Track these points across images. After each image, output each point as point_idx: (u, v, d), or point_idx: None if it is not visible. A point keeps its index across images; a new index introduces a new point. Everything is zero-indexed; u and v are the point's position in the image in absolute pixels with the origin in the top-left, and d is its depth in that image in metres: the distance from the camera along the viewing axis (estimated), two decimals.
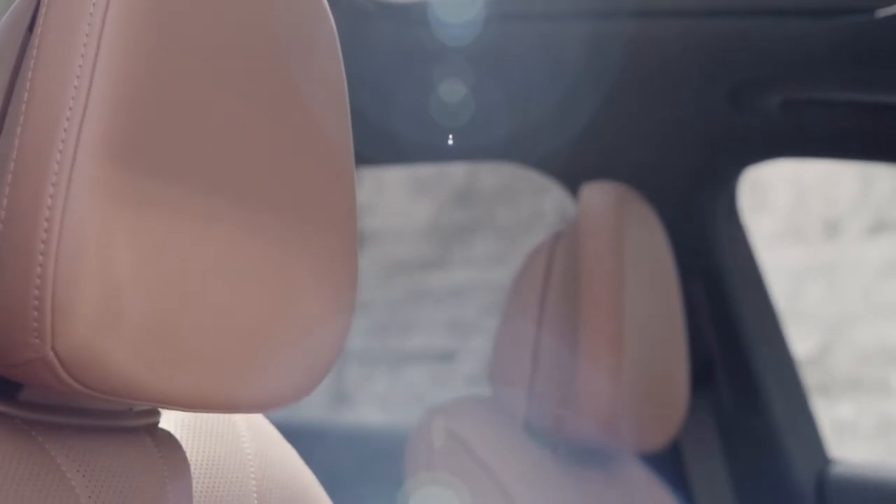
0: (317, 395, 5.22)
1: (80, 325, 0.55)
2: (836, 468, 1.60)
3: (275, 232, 0.63)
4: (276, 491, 0.71)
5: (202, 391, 0.61)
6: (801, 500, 1.57)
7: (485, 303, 4.95)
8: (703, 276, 1.61)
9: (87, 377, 0.57)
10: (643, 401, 1.24)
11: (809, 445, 1.62)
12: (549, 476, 1.21)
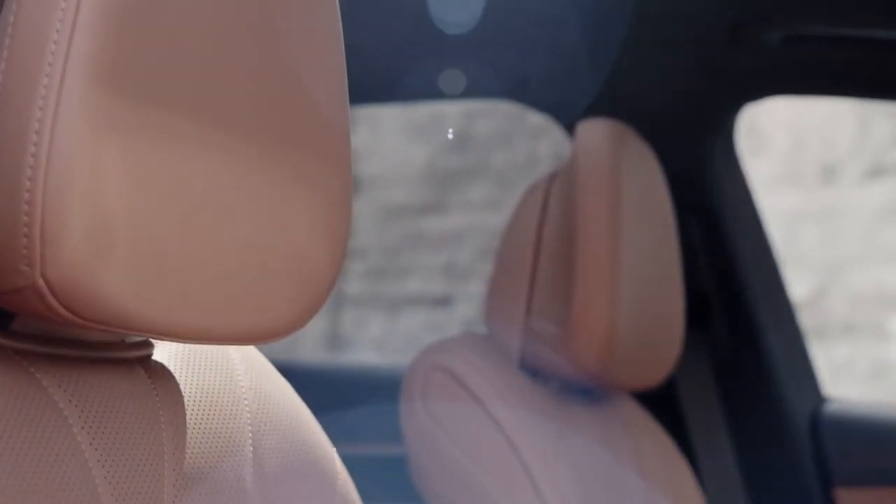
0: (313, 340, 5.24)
1: (69, 251, 0.55)
2: (830, 406, 1.61)
3: (268, 161, 0.63)
4: (270, 424, 0.71)
5: (194, 321, 0.60)
6: (796, 437, 1.57)
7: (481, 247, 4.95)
8: (699, 215, 1.61)
9: (77, 305, 0.56)
10: (638, 338, 1.24)
11: (804, 384, 1.62)
12: (544, 413, 1.21)
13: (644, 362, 1.27)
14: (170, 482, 0.63)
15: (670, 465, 1.37)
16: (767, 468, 1.60)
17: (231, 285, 0.62)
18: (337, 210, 0.67)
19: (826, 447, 1.56)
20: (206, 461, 0.66)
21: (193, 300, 0.60)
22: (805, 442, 1.57)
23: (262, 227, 0.63)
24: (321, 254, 0.66)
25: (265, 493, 0.69)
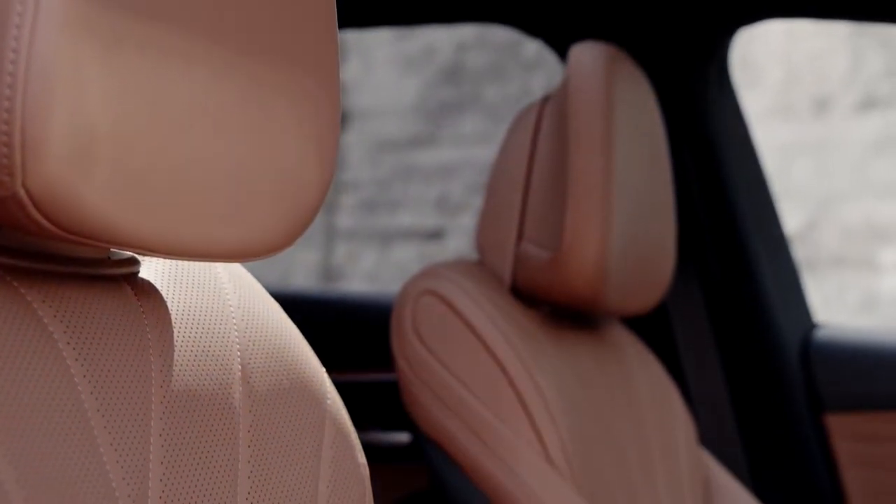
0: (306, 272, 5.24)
1: (50, 161, 0.54)
2: (821, 332, 1.61)
3: (255, 75, 0.62)
4: (259, 343, 0.71)
5: (178, 236, 0.60)
6: (786, 363, 1.58)
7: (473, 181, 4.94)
8: (693, 143, 1.60)
9: (59, 216, 0.55)
10: (630, 264, 1.24)
11: (795, 310, 1.62)
12: (536, 338, 1.21)
13: (635, 288, 1.27)
14: (157, 398, 0.63)
15: (661, 391, 1.37)
16: (758, 394, 1.61)
17: (218, 201, 0.61)
18: (325, 125, 0.66)
19: (816, 373, 1.57)
20: (193, 379, 0.65)
21: (179, 216, 0.59)
22: (795, 367, 1.57)
23: (250, 142, 0.62)
24: (309, 169, 0.65)
25: (254, 411, 0.69)
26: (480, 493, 1.16)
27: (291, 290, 1.70)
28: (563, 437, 1.16)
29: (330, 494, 0.72)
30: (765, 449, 1.61)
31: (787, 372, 1.58)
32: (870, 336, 1.58)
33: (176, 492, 0.62)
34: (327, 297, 1.78)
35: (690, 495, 1.34)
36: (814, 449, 1.56)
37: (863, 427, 1.53)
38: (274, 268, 5.24)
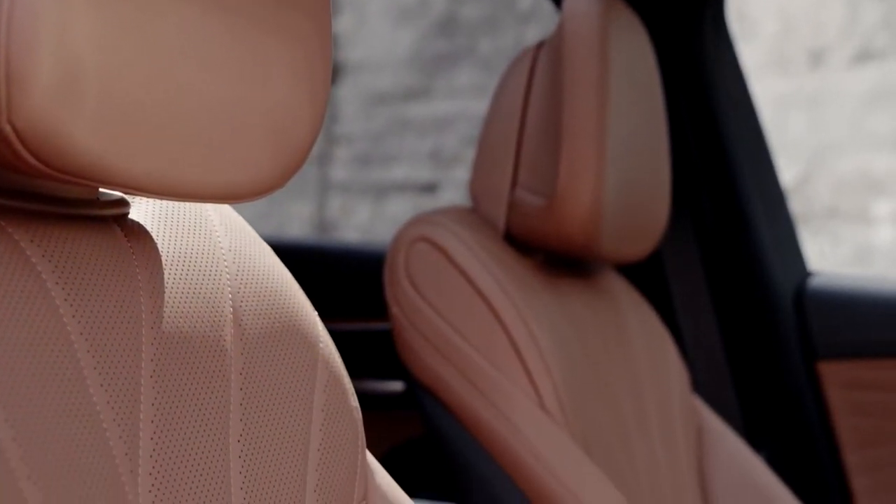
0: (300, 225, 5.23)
1: (36, 96, 0.53)
2: (815, 280, 1.61)
3: (245, 12, 0.61)
4: (250, 286, 0.70)
5: (169, 176, 0.59)
6: (780, 311, 1.58)
7: (467, 134, 4.92)
8: (689, 91, 1.59)
9: (46, 153, 0.55)
10: (624, 211, 1.23)
11: (789, 258, 1.62)
12: (530, 285, 1.21)
13: (630, 235, 1.26)
14: (148, 340, 0.62)
15: (655, 338, 1.37)
16: (751, 341, 1.61)
17: (208, 140, 0.60)
18: (317, 65, 0.65)
19: (810, 320, 1.57)
20: (184, 320, 0.65)
21: (168, 155, 0.59)
22: (789, 315, 1.58)
23: (240, 80, 0.61)
24: (301, 109, 0.64)
25: (246, 353, 0.68)
26: (474, 439, 1.16)
27: (285, 239, 1.70)
28: (557, 384, 1.16)
29: (322, 438, 0.72)
30: (758, 396, 1.61)
31: (780, 319, 1.58)
32: (864, 284, 1.58)
33: (167, 433, 0.62)
34: (321, 246, 1.77)
35: (684, 442, 1.35)
36: (807, 396, 1.56)
37: (856, 374, 1.54)
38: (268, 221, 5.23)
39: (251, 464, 0.66)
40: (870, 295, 1.55)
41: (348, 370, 0.78)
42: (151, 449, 0.61)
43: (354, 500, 0.73)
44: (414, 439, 1.61)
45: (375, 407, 1.64)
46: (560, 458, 1.13)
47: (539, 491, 1.13)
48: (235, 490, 0.65)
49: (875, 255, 4.36)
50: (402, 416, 1.60)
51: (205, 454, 0.64)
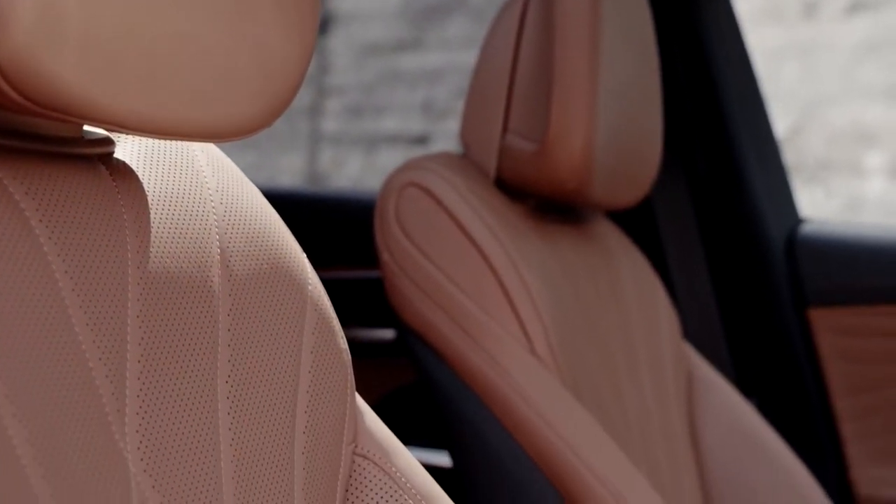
0: (291, 177, 5.22)
1: (18, 32, 0.52)
2: (807, 227, 1.61)
3: None
4: (238, 227, 0.70)
5: (154, 114, 0.58)
6: (771, 257, 1.58)
7: (459, 85, 4.90)
8: (682, 38, 1.58)
9: (28, 88, 0.54)
10: (616, 157, 1.23)
11: (781, 204, 1.62)
12: (521, 231, 1.21)
13: (621, 181, 1.26)
14: (134, 279, 0.62)
15: (646, 285, 1.37)
16: (742, 288, 1.61)
17: (193, 77, 0.59)
18: (305, 2, 0.64)
19: (801, 267, 1.57)
20: (171, 261, 0.64)
21: (153, 92, 0.58)
22: (780, 262, 1.57)
23: (227, 18, 0.60)
24: (288, 48, 0.64)
25: (234, 295, 0.68)
26: (464, 385, 1.16)
27: (276, 188, 1.69)
28: (548, 330, 1.16)
29: (311, 380, 0.71)
30: (748, 343, 1.61)
31: (771, 266, 1.58)
32: (855, 231, 1.58)
33: (154, 373, 0.62)
34: (312, 194, 1.77)
35: (674, 389, 1.35)
36: (797, 343, 1.57)
37: (846, 321, 1.54)
38: (259, 173, 5.21)
39: (239, 405, 0.66)
40: (861, 242, 1.55)
41: (339, 318, 0.77)
42: (138, 389, 0.60)
43: (344, 442, 0.73)
44: (405, 386, 1.62)
45: (367, 355, 1.64)
46: (550, 403, 1.13)
47: (529, 435, 1.13)
48: (224, 431, 0.65)
49: (866, 206, 4.37)
50: (393, 363, 1.60)
51: (193, 395, 0.63)
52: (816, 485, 1.36)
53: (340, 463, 0.72)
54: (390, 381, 1.64)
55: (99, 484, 0.57)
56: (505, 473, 1.14)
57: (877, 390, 1.52)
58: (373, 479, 0.73)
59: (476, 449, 1.16)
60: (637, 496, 1.10)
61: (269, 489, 0.66)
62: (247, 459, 0.65)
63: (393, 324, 1.43)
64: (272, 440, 0.67)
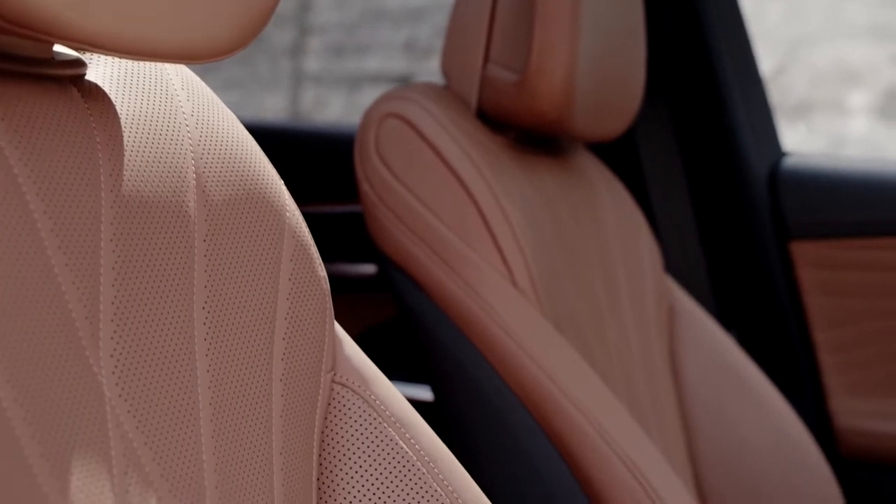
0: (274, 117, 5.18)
1: None
2: (789, 160, 1.60)
3: None
4: (214, 151, 0.69)
5: (126, 33, 0.57)
6: (754, 190, 1.58)
7: (442, 24, 4.86)
8: None
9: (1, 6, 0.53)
10: (598, 87, 1.22)
11: (764, 138, 1.61)
12: (502, 162, 1.20)
13: (603, 113, 1.25)
14: (107, 203, 0.61)
15: (627, 218, 1.36)
16: (724, 221, 1.61)
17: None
18: None
19: (783, 200, 1.57)
20: (145, 184, 0.63)
21: (125, 11, 0.57)
22: (763, 195, 1.57)
23: None
24: None
25: (210, 220, 0.67)
26: (446, 317, 1.16)
27: (257, 121, 1.67)
28: (529, 262, 1.15)
29: (290, 308, 0.71)
30: (730, 276, 1.61)
31: (754, 200, 1.57)
32: (837, 165, 1.58)
33: (129, 297, 0.61)
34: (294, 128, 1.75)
35: (655, 321, 1.35)
36: (778, 276, 1.57)
37: (827, 254, 1.54)
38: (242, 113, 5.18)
39: (216, 331, 0.65)
40: (843, 175, 1.54)
41: (322, 253, 0.77)
42: (113, 313, 0.60)
43: (322, 370, 0.72)
44: (388, 321, 1.62)
45: (349, 290, 1.63)
46: (530, 334, 1.13)
47: (510, 366, 1.13)
48: (200, 357, 0.64)
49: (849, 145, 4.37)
50: (375, 299, 1.60)
51: (169, 320, 0.63)
52: (795, 416, 1.37)
53: (319, 390, 0.72)
54: (373, 316, 1.64)
55: (73, 408, 0.56)
56: (485, 404, 1.14)
57: (856, 323, 1.53)
58: (352, 406, 0.73)
59: (456, 380, 1.16)
60: (616, 425, 1.10)
61: (247, 415, 0.66)
62: (224, 386, 0.65)
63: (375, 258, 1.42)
64: (250, 367, 0.67)
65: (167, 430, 0.61)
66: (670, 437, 1.30)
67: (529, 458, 1.13)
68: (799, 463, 1.34)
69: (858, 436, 1.52)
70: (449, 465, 0.74)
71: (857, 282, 1.52)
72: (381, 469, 0.72)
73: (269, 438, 0.67)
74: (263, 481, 0.66)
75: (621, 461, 1.09)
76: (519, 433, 1.13)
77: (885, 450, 1.51)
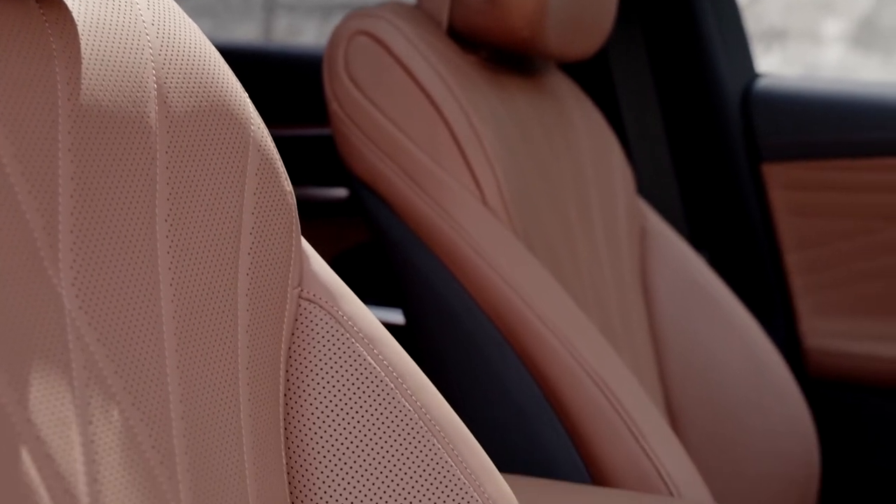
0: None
1: None
2: (763, 81, 1.59)
3: None
4: (176, 62, 0.67)
5: None
6: (727, 112, 1.57)
7: None
8: None
9: None
10: (570, 6, 1.20)
11: (737, 58, 1.60)
12: (473, 81, 1.18)
13: (576, 31, 1.23)
14: (64, 111, 0.60)
15: (600, 139, 1.36)
16: (697, 143, 1.60)
17: None
18: None
19: (756, 122, 1.56)
20: (104, 93, 0.62)
21: None
22: (735, 117, 1.57)
23: None
24: None
25: (172, 132, 0.66)
26: (416, 236, 1.15)
27: (224, 41, 1.65)
28: (500, 180, 1.15)
29: (255, 222, 0.70)
30: (702, 198, 1.61)
31: (726, 121, 1.57)
32: (810, 86, 1.57)
33: (89, 209, 0.60)
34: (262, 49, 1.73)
35: (627, 242, 1.35)
36: (750, 198, 1.57)
37: (799, 175, 1.54)
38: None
39: (179, 245, 0.64)
40: (816, 97, 1.54)
41: (291, 177, 0.75)
42: (72, 224, 0.59)
43: (289, 286, 0.72)
44: (359, 245, 1.61)
45: (320, 214, 1.62)
46: (501, 254, 1.12)
47: (480, 287, 1.12)
48: (163, 271, 0.63)
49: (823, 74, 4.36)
50: (348, 223, 1.59)
51: (130, 232, 0.62)
52: (765, 337, 1.38)
53: (286, 306, 0.71)
54: (345, 241, 1.63)
55: (31, 318, 0.55)
56: (456, 326, 1.14)
57: (826, 244, 1.53)
58: (319, 322, 0.73)
59: (427, 302, 1.16)
60: (587, 344, 1.10)
61: (212, 329, 0.65)
62: (188, 299, 0.64)
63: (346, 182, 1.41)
64: (214, 281, 0.66)
65: (130, 343, 0.60)
66: (640, 356, 1.30)
67: (500, 379, 1.13)
68: (768, 383, 1.34)
69: (827, 356, 1.53)
70: (417, 381, 0.74)
71: (828, 203, 1.52)
72: (349, 385, 0.72)
73: (234, 353, 0.66)
74: (229, 394, 0.65)
75: (591, 380, 1.09)
76: (490, 354, 1.13)
77: (853, 369, 1.52)
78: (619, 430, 1.08)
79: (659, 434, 1.09)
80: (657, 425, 1.10)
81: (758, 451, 1.33)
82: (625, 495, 1.03)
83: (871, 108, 1.50)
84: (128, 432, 0.58)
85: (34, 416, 0.54)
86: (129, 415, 0.59)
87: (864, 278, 1.51)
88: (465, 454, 0.73)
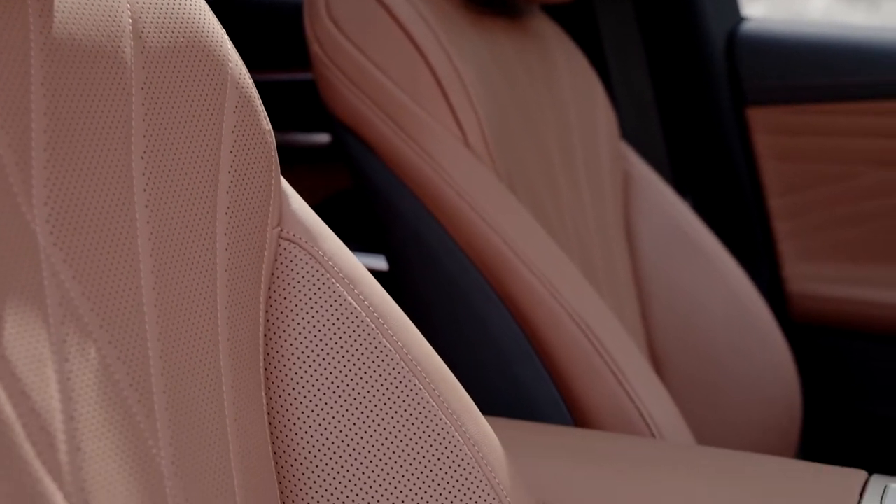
0: None
1: None
2: (748, 25, 1.58)
3: None
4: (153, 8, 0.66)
5: None
6: (711, 55, 1.56)
7: None
8: None
9: None
10: None
11: (723, 2, 1.59)
12: (455, 22, 1.17)
13: None
14: (37, 45, 0.59)
15: (584, 82, 1.35)
16: (681, 87, 1.60)
17: None
18: None
19: (741, 66, 1.55)
20: (77, 28, 0.61)
21: None
22: (720, 60, 1.56)
23: None
24: None
25: (148, 68, 0.65)
26: (398, 178, 1.14)
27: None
28: (482, 122, 1.14)
29: (234, 161, 0.69)
30: (686, 142, 1.61)
31: (711, 64, 1.56)
32: (795, 30, 1.56)
33: (62, 144, 0.59)
34: None
35: (610, 186, 1.34)
36: (734, 142, 1.56)
37: (783, 119, 1.53)
38: None
39: (156, 182, 0.63)
40: (800, 40, 1.53)
41: (273, 123, 0.75)
42: (45, 160, 0.58)
43: (269, 225, 0.71)
44: (343, 191, 1.60)
45: (303, 160, 1.61)
46: (484, 197, 1.11)
47: (463, 229, 1.12)
48: (140, 208, 0.63)
49: None
50: (330, 168, 1.58)
51: (105, 169, 0.61)
52: (749, 282, 1.38)
53: (265, 245, 0.70)
54: (328, 186, 1.62)
55: (4, 255, 0.55)
56: (439, 270, 1.13)
57: (810, 189, 1.53)
58: (299, 262, 0.72)
59: (410, 246, 1.15)
60: (569, 288, 1.10)
61: (190, 266, 0.65)
62: (165, 237, 0.63)
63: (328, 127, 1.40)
64: (192, 219, 0.65)
65: (106, 281, 0.59)
66: (624, 300, 1.30)
67: (483, 323, 1.12)
68: (751, 327, 1.34)
69: (810, 300, 1.54)
70: (398, 321, 0.74)
71: (812, 147, 1.52)
72: (329, 325, 0.72)
73: (213, 292, 0.66)
74: (208, 334, 0.65)
75: (574, 323, 1.09)
76: (473, 298, 1.13)
77: (836, 313, 1.52)
78: (602, 372, 1.08)
79: (641, 376, 1.09)
80: (640, 368, 1.10)
81: (740, 396, 1.33)
82: (606, 436, 1.03)
83: (855, 52, 1.49)
84: (105, 370, 0.58)
85: (9, 352, 0.53)
86: (105, 353, 0.58)
87: (848, 223, 1.51)
88: (446, 394, 0.73)
